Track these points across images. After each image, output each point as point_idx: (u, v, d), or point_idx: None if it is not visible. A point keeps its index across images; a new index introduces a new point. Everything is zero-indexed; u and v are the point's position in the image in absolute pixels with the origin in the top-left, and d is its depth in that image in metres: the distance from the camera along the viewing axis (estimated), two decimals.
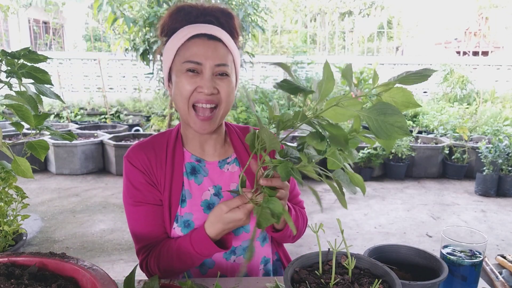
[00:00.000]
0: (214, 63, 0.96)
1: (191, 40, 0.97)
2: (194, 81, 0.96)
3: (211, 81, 0.96)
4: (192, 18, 1.00)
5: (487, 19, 13.92)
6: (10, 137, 5.41)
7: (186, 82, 0.97)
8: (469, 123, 6.32)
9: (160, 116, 6.86)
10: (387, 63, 9.35)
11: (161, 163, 1.08)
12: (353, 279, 0.79)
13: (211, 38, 0.97)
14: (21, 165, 1.08)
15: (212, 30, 0.98)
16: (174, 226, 1.07)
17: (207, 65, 0.96)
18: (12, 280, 0.69)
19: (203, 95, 0.96)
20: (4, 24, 10.56)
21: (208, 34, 0.97)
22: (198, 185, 1.10)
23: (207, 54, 0.96)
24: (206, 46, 0.96)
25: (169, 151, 1.09)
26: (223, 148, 1.14)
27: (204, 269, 1.12)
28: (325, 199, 4.32)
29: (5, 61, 1.03)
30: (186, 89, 0.97)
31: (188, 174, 1.10)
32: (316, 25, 13.43)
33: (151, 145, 1.10)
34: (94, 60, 8.74)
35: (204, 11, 1.01)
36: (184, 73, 0.97)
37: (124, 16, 4.57)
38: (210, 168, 1.12)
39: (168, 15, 1.02)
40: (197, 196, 1.09)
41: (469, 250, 0.97)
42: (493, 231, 3.55)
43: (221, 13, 1.01)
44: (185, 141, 1.12)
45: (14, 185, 1.57)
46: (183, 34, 0.98)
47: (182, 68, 0.98)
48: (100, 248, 3.07)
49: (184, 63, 0.97)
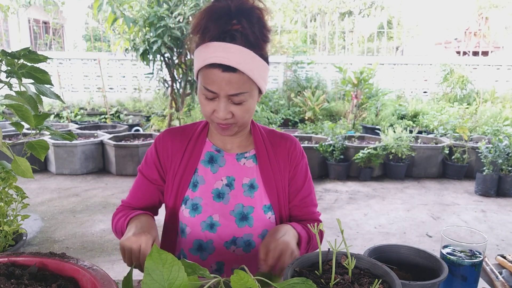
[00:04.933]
0: (228, 93, 0.99)
1: (209, 68, 0.99)
2: (212, 105, 1.03)
3: (225, 108, 1.01)
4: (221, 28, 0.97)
5: (487, 19, 13.92)
6: (10, 137, 5.41)
7: (205, 103, 1.04)
8: (469, 123, 6.32)
9: (160, 116, 6.86)
10: (387, 63, 9.35)
11: (181, 149, 1.17)
12: (353, 279, 0.79)
13: (226, 70, 0.97)
14: (21, 165, 1.08)
15: (230, 57, 0.96)
16: (182, 208, 1.16)
17: (221, 94, 1.00)
18: (12, 280, 0.69)
19: (220, 119, 1.03)
20: (4, 24, 10.56)
21: (223, 65, 0.96)
22: (213, 173, 1.17)
23: (221, 85, 0.98)
24: (221, 78, 0.98)
25: (193, 138, 1.18)
26: (244, 143, 1.20)
27: (204, 254, 1.16)
28: (325, 199, 4.32)
29: (5, 61, 1.03)
30: (206, 109, 1.04)
31: (206, 162, 1.18)
32: (316, 25, 13.43)
33: (181, 131, 1.20)
34: (94, 60, 8.74)
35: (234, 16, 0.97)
36: (203, 93, 1.03)
37: (124, 16, 4.57)
38: (227, 159, 1.18)
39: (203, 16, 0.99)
40: (210, 184, 1.16)
41: (469, 250, 0.97)
42: (493, 231, 3.55)
43: (248, 22, 0.97)
44: (210, 133, 1.21)
45: (14, 185, 1.57)
46: (203, 58, 0.99)
47: (202, 89, 1.03)
48: (100, 248, 3.07)
49: (203, 86, 1.02)
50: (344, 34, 13.78)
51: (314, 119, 7.70)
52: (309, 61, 8.87)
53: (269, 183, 1.16)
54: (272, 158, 1.18)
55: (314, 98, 7.87)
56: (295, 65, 8.74)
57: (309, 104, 7.82)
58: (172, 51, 5.01)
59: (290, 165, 1.20)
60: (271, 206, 1.17)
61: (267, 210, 1.16)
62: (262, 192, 1.17)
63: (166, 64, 5.25)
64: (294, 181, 1.20)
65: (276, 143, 1.20)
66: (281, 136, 1.23)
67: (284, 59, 8.89)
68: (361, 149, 4.98)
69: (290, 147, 1.20)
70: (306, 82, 8.73)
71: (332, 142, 5.12)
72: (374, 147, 4.94)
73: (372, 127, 6.66)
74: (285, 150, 1.20)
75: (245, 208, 1.15)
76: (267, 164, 1.17)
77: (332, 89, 8.94)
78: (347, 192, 4.60)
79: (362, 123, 7.09)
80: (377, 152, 4.93)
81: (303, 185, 1.21)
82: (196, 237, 1.15)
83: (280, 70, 9.04)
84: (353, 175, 5.14)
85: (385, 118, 7.08)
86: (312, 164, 5.14)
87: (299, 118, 8.00)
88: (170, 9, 4.74)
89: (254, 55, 0.99)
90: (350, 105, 7.33)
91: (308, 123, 7.34)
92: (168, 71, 5.34)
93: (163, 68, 5.36)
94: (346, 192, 4.59)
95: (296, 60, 8.74)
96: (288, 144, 1.20)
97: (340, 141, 5.08)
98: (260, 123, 1.60)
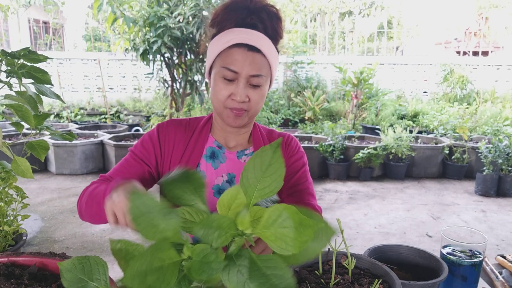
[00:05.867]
0: (249, 73, 1.02)
1: (232, 48, 1.03)
2: (229, 88, 1.03)
3: (244, 90, 1.03)
4: (240, 19, 1.05)
5: (487, 19, 13.92)
6: (10, 137, 5.40)
7: (222, 87, 1.04)
8: (469, 123, 6.32)
9: (160, 116, 6.86)
10: (387, 63, 9.35)
11: (183, 141, 1.17)
12: (353, 279, 0.79)
13: (251, 49, 1.02)
14: (21, 165, 1.08)
15: (253, 39, 1.02)
16: None
17: (242, 74, 1.02)
18: (12, 280, 0.69)
19: (236, 103, 1.04)
20: (4, 24, 10.55)
21: (248, 45, 1.02)
22: (214, 169, 1.17)
23: (244, 64, 1.02)
24: (245, 56, 1.02)
25: (195, 132, 1.18)
26: (245, 141, 1.22)
27: None
28: (325, 199, 4.32)
29: (5, 61, 1.03)
30: (222, 93, 1.04)
31: (207, 157, 1.18)
32: (316, 25, 13.43)
33: (185, 123, 1.19)
34: (94, 60, 8.74)
35: (253, 11, 1.05)
36: (220, 78, 1.04)
37: (124, 16, 4.56)
38: (228, 156, 1.18)
39: (223, 9, 1.07)
40: (211, 179, 1.16)
41: (469, 250, 0.97)
42: (493, 231, 3.55)
43: (267, 15, 1.06)
44: (213, 128, 1.21)
45: (14, 185, 1.57)
46: (226, 40, 1.03)
47: (220, 72, 1.04)
48: (100, 248, 3.07)
49: (223, 68, 1.03)
50: (344, 34, 13.79)
51: (314, 119, 7.70)
52: (309, 61, 8.87)
53: None
54: None
55: (314, 98, 7.87)
56: (295, 65, 8.74)
57: (309, 104, 7.82)
58: (172, 51, 5.01)
59: (285, 156, 1.20)
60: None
61: None
62: None
63: (166, 64, 5.25)
64: (287, 171, 1.17)
65: (274, 140, 1.21)
66: (279, 134, 1.26)
67: (284, 59, 8.89)
68: (361, 149, 4.98)
69: (286, 141, 1.22)
70: (306, 82, 8.73)
71: (332, 142, 5.12)
72: (374, 147, 4.94)
73: (372, 127, 6.66)
74: (281, 145, 1.21)
75: None
76: None
77: (332, 89, 8.94)
78: (347, 192, 4.60)
79: (362, 123, 7.09)
80: (377, 152, 4.93)
81: (296, 173, 1.19)
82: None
83: (280, 70, 9.04)
84: (353, 175, 5.14)
85: (385, 118, 7.08)
86: (312, 164, 5.14)
87: (299, 118, 8.00)
88: (170, 9, 4.74)
89: (272, 44, 1.06)
90: (350, 105, 7.33)
91: (308, 123, 7.34)
92: (168, 71, 5.33)
93: (163, 68, 5.35)
94: (346, 192, 4.58)
95: (296, 60, 8.74)
96: (284, 140, 1.22)
97: (340, 141, 5.08)
98: (260, 123, 1.60)
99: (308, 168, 1.24)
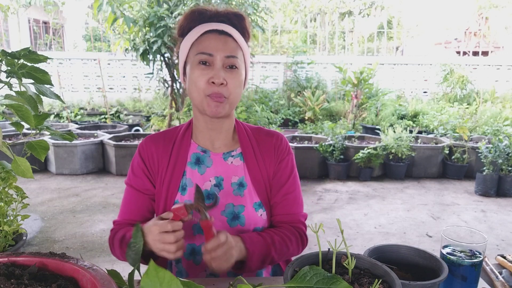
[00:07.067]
0: (224, 54, 1.05)
1: (204, 35, 1.07)
2: (206, 72, 1.05)
3: (221, 72, 1.04)
4: (206, 18, 1.10)
5: (487, 19, 13.91)
6: (10, 137, 5.40)
7: (199, 73, 1.05)
8: (469, 123, 6.32)
9: (160, 116, 6.86)
10: (387, 63, 9.35)
11: (166, 153, 1.16)
12: (353, 279, 0.80)
13: (222, 33, 1.07)
14: (21, 165, 1.08)
15: (223, 27, 1.08)
16: None
17: (217, 56, 1.05)
18: (12, 280, 0.69)
19: (215, 87, 1.04)
20: (4, 24, 10.55)
21: (219, 30, 1.07)
22: (201, 175, 1.15)
23: (218, 46, 1.05)
24: (217, 40, 1.06)
25: (177, 141, 1.17)
26: (230, 142, 1.19)
27: (197, 259, 1.14)
28: (325, 199, 4.32)
29: (5, 61, 1.03)
30: (200, 80, 1.05)
31: (193, 164, 1.16)
32: (316, 25, 13.43)
33: (163, 136, 1.19)
34: (94, 60, 8.74)
35: (217, 13, 1.10)
36: (197, 65, 1.06)
37: (124, 16, 4.56)
38: (214, 159, 1.16)
39: (184, 17, 1.12)
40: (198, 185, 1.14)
41: (469, 250, 0.97)
42: (493, 231, 3.55)
43: (233, 15, 1.11)
44: (194, 133, 1.19)
45: (14, 185, 1.57)
46: (197, 31, 1.08)
47: (196, 59, 1.06)
48: (100, 248, 3.07)
49: (197, 54, 1.06)
50: (344, 34, 13.78)
51: (314, 119, 7.70)
52: (309, 61, 8.87)
53: (257, 180, 1.15)
54: (258, 155, 1.17)
55: (314, 98, 7.87)
56: (295, 65, 8.74)
57: (309, 104, 7.82)
58: (172, 51, 5.01)
59: (275, 160, 1.18)
60: (261, 203, 1.15)
61: (258, 208, 1.15)
62: (252, 190, 1.15)
63: (166, 64, 5.25)
64: (277, 176, 1.18)
65: (262, 139, 1.19)
66: (267, 133, 1.22)
67: (284, 59, 8.89)
68: (361, 149, 4.98)
69: (275, 143, 1.19)
70: (306, 82, 8.73)
71: (332, 142, 5.12)
72: (374, 147, 4.94)
73: (372, 127, 6.66)
74: (270, 146, 1.18)
75: (236, 207, 1.14)
76: (254, 161, 1.16)
77: (332, 89, 8.94)
78: (347, 192, 4.60)
79: (362, 123, 7.09)
80: (377, 152, 4.93)
81: (286, 181, 1.18)
82: (189, 241, 1.13)
83: (280, 70, 9.04)
84: (353, 175, 5.14)
85: (385, 118, 7.08)
86: (312, 164, 5.14)
87: (299, 118, 8.00)
88: (170, 9, 4.74)
89: (241, 36, 1.11)
90: (350, 105, 7.33)
91: (308, 123, 7.34)
92: (168, 71, 5.33)
93: (163, 68, 5.35)
94: (346, 192, 4.59)
95: (296, 60, 8.74)
96: (274, 141, 1.19)
97: (340, 141, 5.08)
98: (260, 123, 1.60)
99: (296, 171, 1.22)
